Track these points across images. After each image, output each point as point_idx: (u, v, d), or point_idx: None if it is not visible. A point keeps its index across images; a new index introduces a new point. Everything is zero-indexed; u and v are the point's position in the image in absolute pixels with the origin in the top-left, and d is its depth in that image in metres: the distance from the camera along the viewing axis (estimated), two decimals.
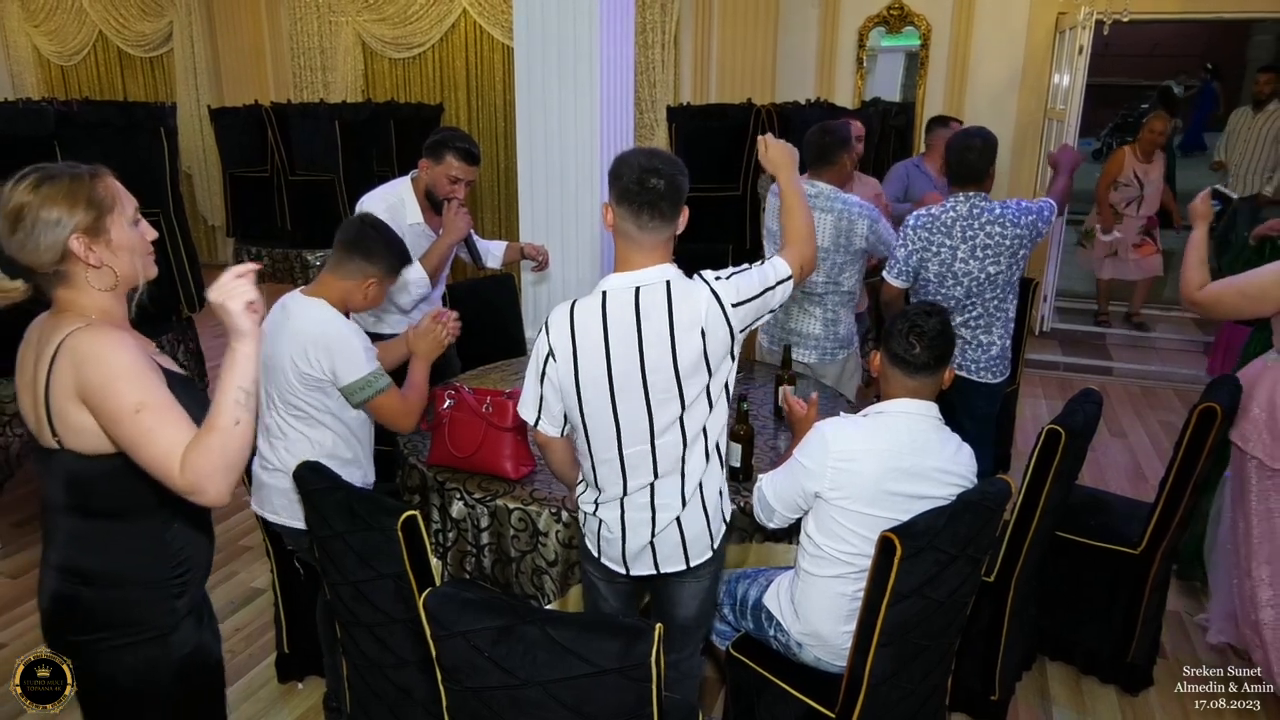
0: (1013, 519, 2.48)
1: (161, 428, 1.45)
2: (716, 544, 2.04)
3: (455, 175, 3.01)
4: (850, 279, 3.33)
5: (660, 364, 1.84)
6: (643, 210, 1.81)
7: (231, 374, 1.46)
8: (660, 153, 1.87)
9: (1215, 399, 2.58)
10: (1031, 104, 6.38)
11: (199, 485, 1.42)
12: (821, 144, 3.21)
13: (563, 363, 1.90)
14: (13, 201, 1.47)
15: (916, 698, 2.06)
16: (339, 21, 7.93)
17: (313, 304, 2.27)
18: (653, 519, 1.95)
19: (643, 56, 6.80)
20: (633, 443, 1.90)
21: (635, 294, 1.84)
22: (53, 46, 9.19)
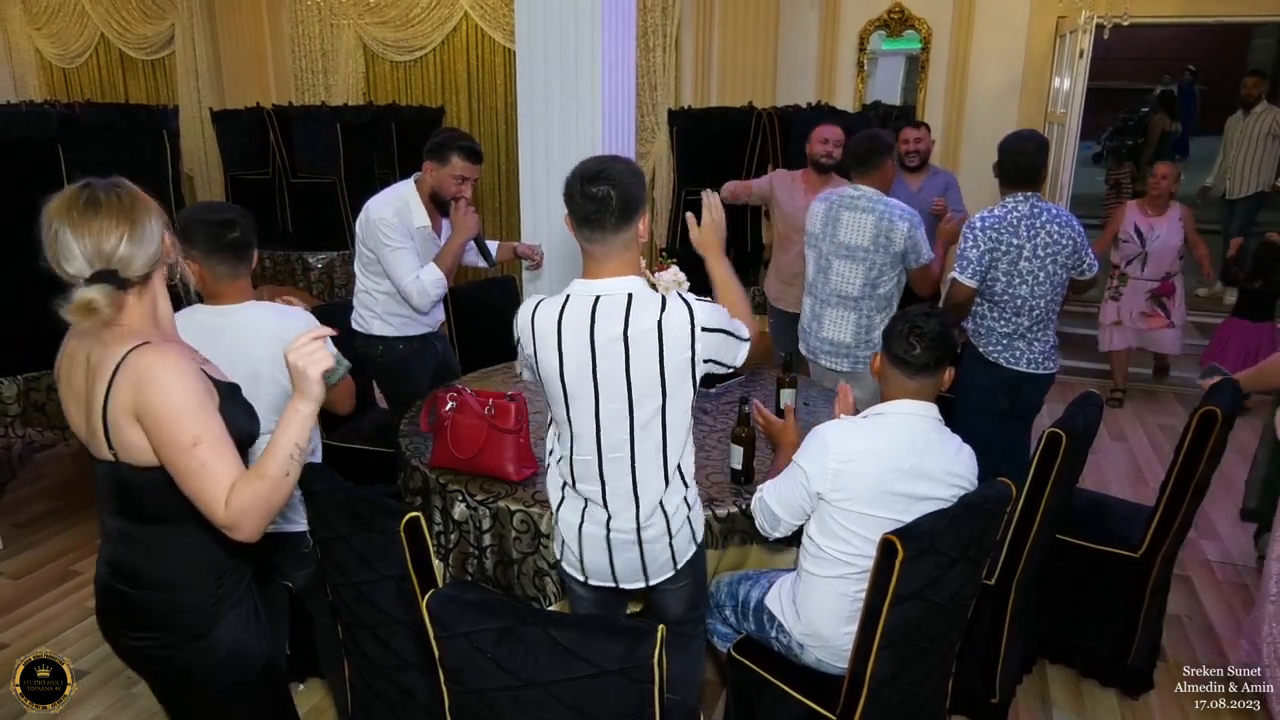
0: (1014, 522, 2.48)
1: (214, 464, 1.50)
2: (680, 564, 2.03)
3: (461, 174, 3.03)
4: (888, 284, 3.36)
5: (613, 375, 1.84)
6: (583, 224, 1.81)
7: (289, 431, 1.54)
8: (614, 160, 1.83)
9: (1216, 402, 2.58)
10: (1032, 108, 6.39)
11: (239, 524, 1.49)
12: (866, 149, 3.37)
13: (524, 353, 1.95)
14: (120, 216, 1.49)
15: (917, 700, 2.06)
16: (340, 24, 7.95)
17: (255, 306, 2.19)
18: (608, 535, 1.96)
19: (644, 59, 6.81)
20: (582, 450, 1.92)
21: (594, 302, 1.84)
22: (55, 49, 9.20)
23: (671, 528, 1.98)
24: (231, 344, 2.12)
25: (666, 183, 6.86)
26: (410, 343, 3.29)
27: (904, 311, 2.03)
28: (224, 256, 2.13)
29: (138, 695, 2.82)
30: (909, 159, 4.51)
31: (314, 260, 6.26)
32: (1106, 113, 11.12)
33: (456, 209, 3.05)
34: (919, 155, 4.52)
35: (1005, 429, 3.34)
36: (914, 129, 4.59)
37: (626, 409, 1.86)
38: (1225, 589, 3.48)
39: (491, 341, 3.78)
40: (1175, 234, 5.02)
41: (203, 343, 2.08)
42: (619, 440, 1.89)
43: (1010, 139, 3.21)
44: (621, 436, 1.88)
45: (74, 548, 3.68)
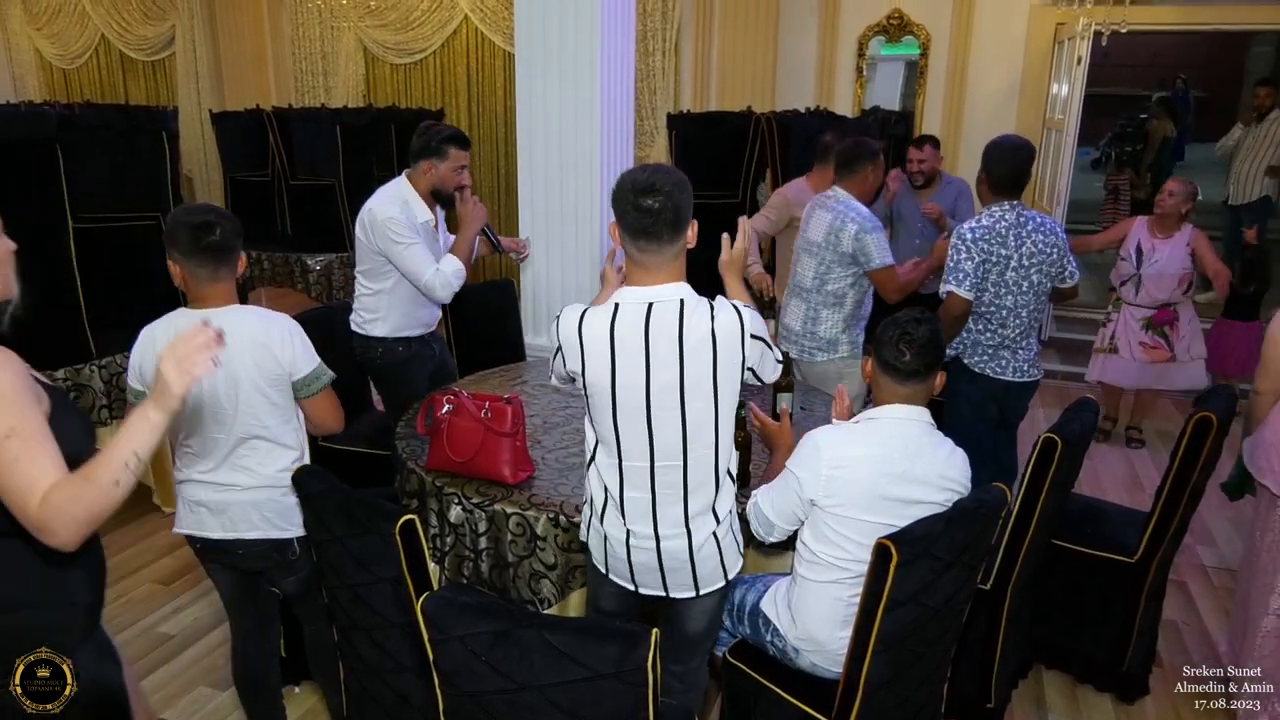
0: (1009, 527, 2.48)
1: (28, 458, 1.39)
2: (731, 574, 2.03)
3: (461, 164, 3.10)
4: (837, 282, 3.42)
5: (667, 384, 1.84)
6: (638, 235, 1.82)
7: (131, 438, 1.41)
8: (662, 170, 1.84)
9: (1211, 408, 2.59)
10: (1030, 114, 6.40)
11: (51, 526, 1.37)
12: (850, 155, 3.43)
13: (571, 362, 1.91)
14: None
15: (912, 705, 2.06)
16: (341, 26, 7.96)
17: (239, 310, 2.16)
18: (657, 543, 1.95)
19: (643, 63, 6.82)
20: (632, 456, 1.91)
21: (647, 310, 1.84)
22: (55, 49, 9.21)
23: (720, 539, 1.98)
24: None
25: None
26: (409, 345, 3.29)
27: (894, 317, 2.03)
28: (203, 259, 2.08)
29: None
30: (914, 178, 4.55)
31: (313, 262, 6.26)
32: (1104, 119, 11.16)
33: (463, 201, 3.10)
34: (923, 175, 4.56)
35: (996, 437, 3.36)
36: (918, 149, 4.63)
37: (679, 416, 1.86)
38: (1221, 594, 3.48)
39: (489, 344, 3.78)
40: (1177, 261, 4.36)
41: None
42: (672, 448, 1.88)
43: (1000, 146, 3.17)
44: (675, 444, 1.88)
45: None
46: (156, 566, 3.59)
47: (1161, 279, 4.38)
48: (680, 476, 1.91)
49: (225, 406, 2.14)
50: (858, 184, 3.44)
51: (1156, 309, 4.48)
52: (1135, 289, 4.49)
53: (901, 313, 2.03)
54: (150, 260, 4.16)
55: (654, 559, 1.96)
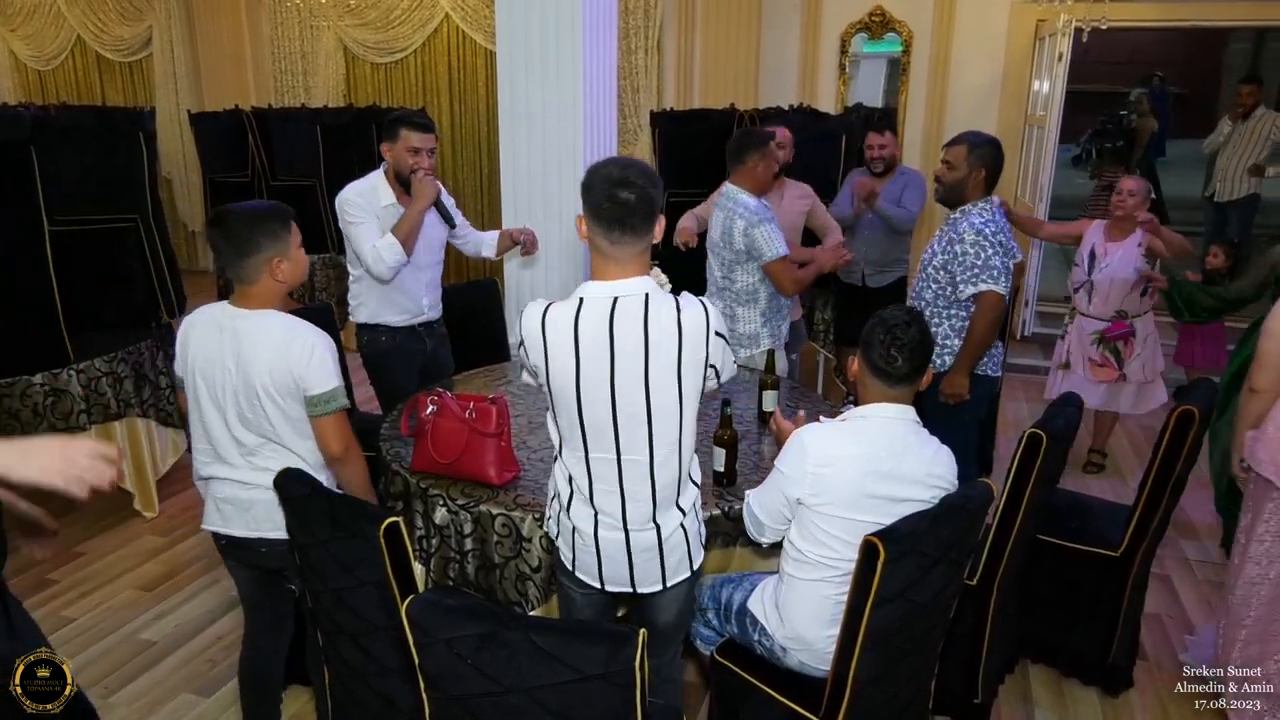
0: (995, 523, 2.49)
1: None
2: (696, 564, 2.04)
3: (414, 145, 3.09)
4: (744, 278, 3.44)
5: (631, 377, 1.83)
6: (613, 227, 1.81)
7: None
8: (633, 164, 1.84)
9: (1192, 402, 2.61)
10: (1012, 110, 6.44)
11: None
12: (735, 146, 3.42)
13: (534, 357, 1.91)
14: None
15: (900, 701, 2.06)
16: (320, 26, 7.90)
17: (272, 316, 2.13)
18: (626, 537, 1.95)
19: (625, 61, 6.81)
20: (599, 449, 1.91)
21: (612, 304, 1.83)
22: (30, 51, 9.10)
23: (688, 529, 1.99)
24: (235, 351, 2.10)
25: None
26: (392, 334, 3.28)
27: (881, 318, 2.00)
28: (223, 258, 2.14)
29: (115, 705, 2.79)
30: (874, 165, 4.50)
31: None
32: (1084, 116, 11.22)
33: (415, 179, 3.08)
34: (883, 162, 4.50)
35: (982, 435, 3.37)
36: (878, 135, 4.54)
37: (645, 410, 1.85)
38: (1204, 587, 3.51)
39: (473, 344, 3.76)
40: (1129, 264, 4.04)
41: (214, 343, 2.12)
42: (638, 442, 1.88)
43: (995, 143, 3.12)
44: (640, 438, 1.87)
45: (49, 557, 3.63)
46: (138, 573, 3.55)
47: (1113, 284, 4.08)
48: (647, 470, 1.90)
49: (246, 411, 2.13)
50: (747, 175, 3.40)
51: (1110, 320, 4.14)
52: (1088, 297, 4.18)
53: (888, 313, 2.00)
54: (128, 263, 4.12)
55: (623, 550, 1.96)
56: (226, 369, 2.11)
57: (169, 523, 3.95)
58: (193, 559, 3.65)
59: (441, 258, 3.44)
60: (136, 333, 4.08)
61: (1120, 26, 6.10)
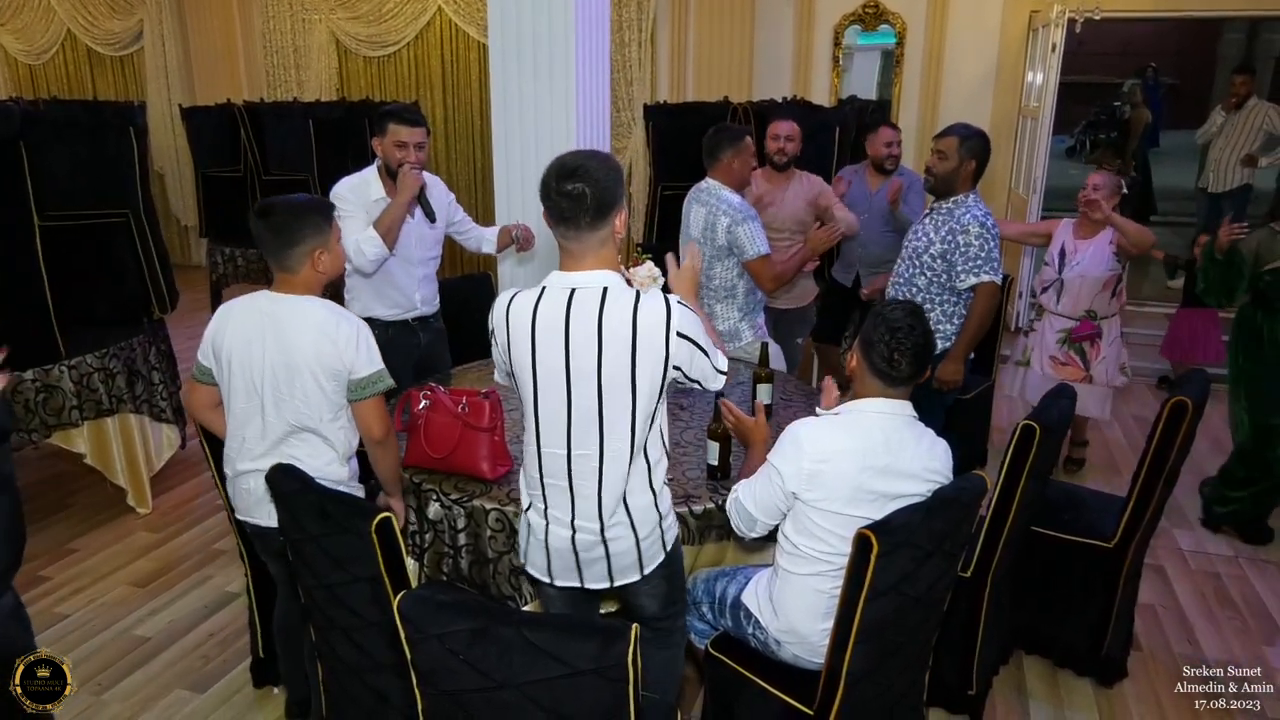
0: (989, 514, 2.49)
1: None
2: (647, 569, 2.00)
3: (401, 140, 3.09)
4: (723, 274, 3.42)
5: (585, 369, 1.82)
6: (559, 220, 1.80)
7: None
8: (589, 155, 1.81)
9: (1186, 393, 2.61)
10: (1006, 101, 6.43)
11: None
12: (710, 143, 3.44)
13: (500, 344, 1.93)
14: None
15: (894, 693, 2.06)
16: (312, 19, 7.86)
17: (313, 300, 2.20)
18: (573, 535, 1.94)
19: (619, 54, 6.78)
20: (550, 443, 1.90)
21: (569, 295, 1.83)
22: (20, 45, 9.04)
23: (639, 531, 1.95)
24: (276, 332, 2.16)
25: (643, 178, 6.84)
26: (385, 329, 3.27)
27: (882, 317, 1.97)
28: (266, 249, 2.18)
29: (108, 701, 2.78)
30: (887, 163, 4.46)
31: None
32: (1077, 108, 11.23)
33: (400, 172, 3.09)
34: (896, 160, 4.47)
35: None
36: (893, 130, 4.49)
37: (596, 404, 1.84)
38: (1198, 577, 3.52)
39: (467, 338, 3.75)
40: (1100, 263, 3.88)
41: (254, 325, 2.17)
42: (589, 437, 1.87)
43: (985, 136, 3.13)
44: (591, 433, 1.87)
45: (42, 553, 3.62)
46: (131, 569, 3.54)
47: (1083, 283, 3.93)
48: (596, 465, 1.89)
49: (283, 391, 2.19)
50: (723, 171, 3.39)
51: (1076, 320, 4.00)
52: (1057, 296, 4.03)
53: (890, 313, 1.97)
54: (120, 258, 4.10)
55: (569, 546, 1.95)
56: (266, 349, 2.17)
57: (162, 519, 3.94)
58: (186, 555, 3.64)
59: (438, 254, 3.43)
60: (129, 328, 4.06)
61: (1114, 17, 6.09)
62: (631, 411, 1.86)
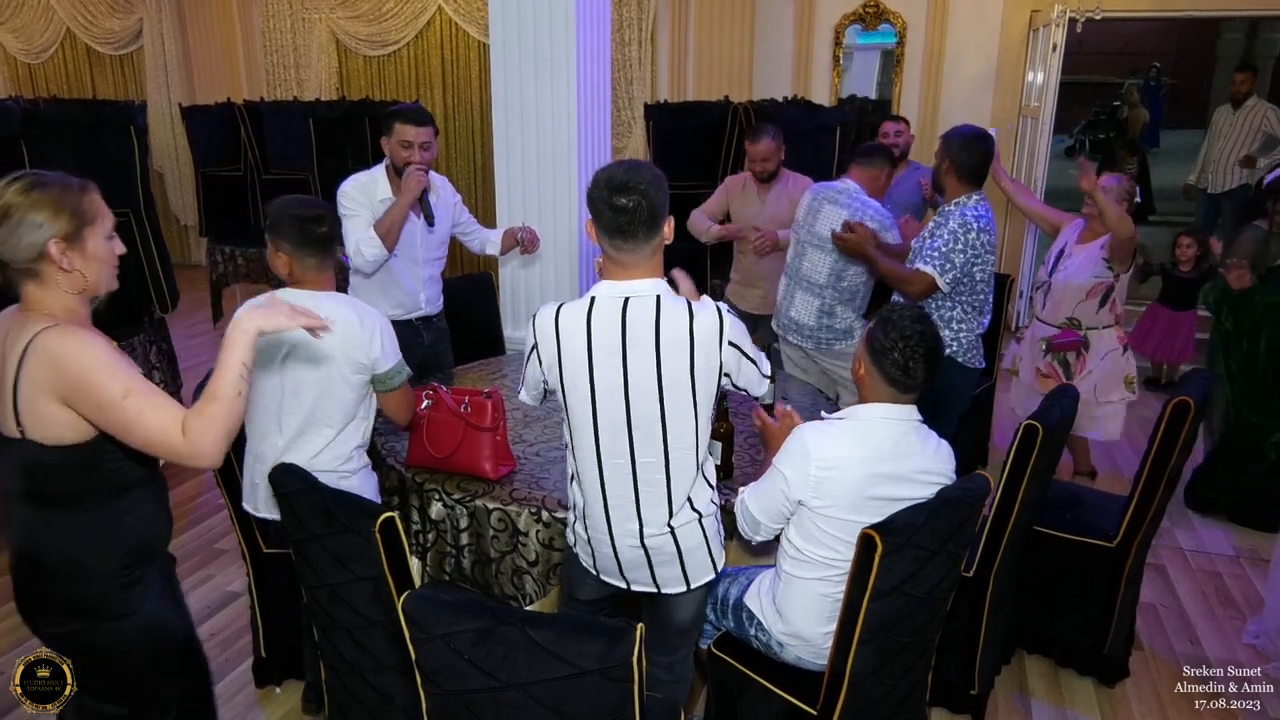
0: (991, 514, 2.49)
1: (152, 408, 1.55)
2: (719, 566, 2.03)
3: (407, 139, 3.09)
4: (854, 277, 3.46)
5: (644, 377, 1.82)
6: (615, 234, 1.80)
7: (235, 351, 1.57)
8: (636, 167, 1.82)
9: (1188, 393, 2.61)
10: (1007, 101, 6.43)
11: (201, 450, 1.54)
12: (873, 148, 3.62)
13: (547, 359, 1.90)
14: (1, 200, 1.58)
15: (897, 693, 2.06)
16: (312, 18, 7.85)
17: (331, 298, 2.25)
18: (642, 540, 1.94)
19: (619, 54, 6.78)
20: (613, 453, 1.89)
21: (624, 304, 1.82)
22: (19, 44, 9.03)
23: (705, 527, 1.97)
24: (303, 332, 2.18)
25: None
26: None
27: (891, 324, 1.95)
28: (313, 250, 2.22)
29: None
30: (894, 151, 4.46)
31: None
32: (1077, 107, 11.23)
33: (406, 173, 3.09)
34: (899, 149, 4.47)
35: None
36: (894, 123, 4.52)
37: (659, 414, 1.84)
38: (1199, 577, 3.52)
39: (469, 337, 3.75)
40: (1086, 268, 3.61)
41: None
42: (653, 446, 1.87)
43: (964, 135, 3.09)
44: (655, 442, 1.86)
45: None
46: None
47: (1067, 289, 3.68)
48: (663, 474, 1.89)
49: (311, 389, 2.23)
50: (870, 179, 3.51)
51: (1059, 327, 3.73)
52: (1043, 299, 3.81)
53: (899, 320, 1.96)
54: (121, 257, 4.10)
55: (641, 556, 1.95)
56: (294, 350, 2.21)
57: None
58: (187, 555, 3.64)
59: (443, 254, 3.42)
60: (129, 327, 4.06)
61: (1114, 16, 6.09)
62: (695, 418, 1.87)
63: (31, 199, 1.59)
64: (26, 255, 1.60)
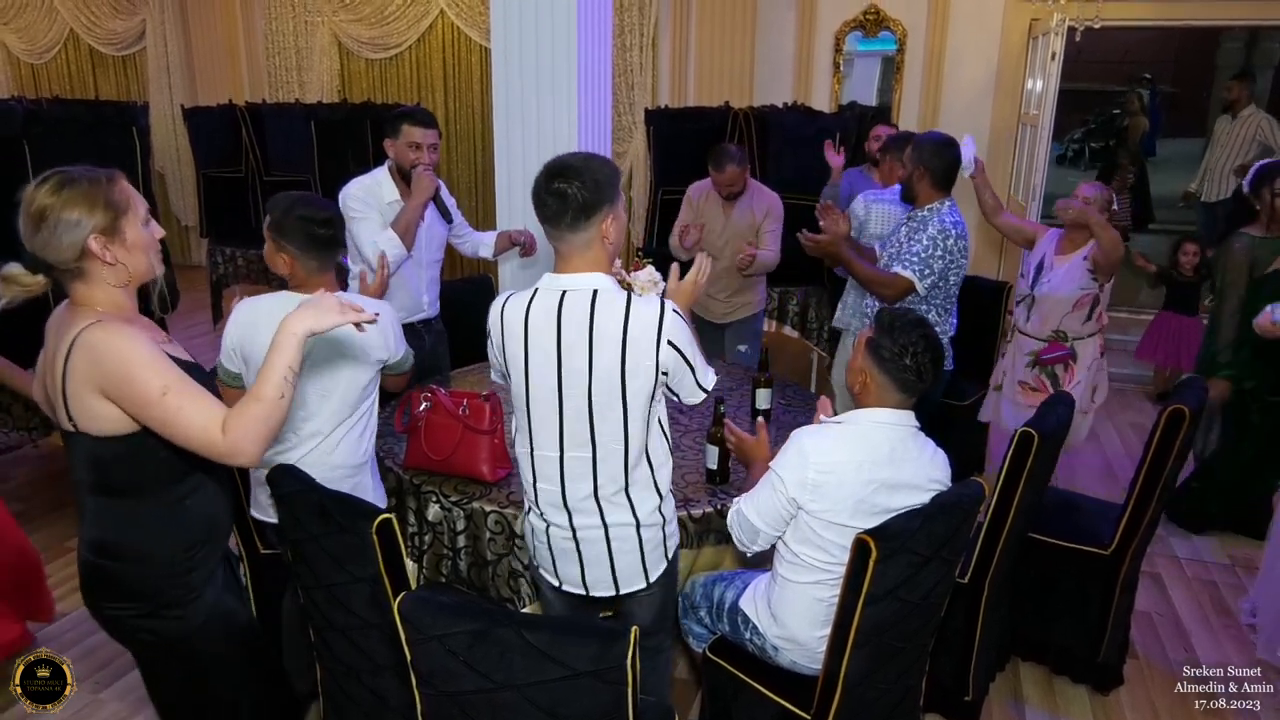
0: (986, 521, 2.50)
1: (191, 404, 1.58)
2: (653, 577, 2.01)
3: (415, 141, 3.11)
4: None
5: (576, 371, 1.83)
6: (544, 219, 1.81)
7: (284, 353, 1.58)
8: (587, 158, 1.81)
9: (1183, 401, 2.62)
10: (1006, 108, 6.44)
11: (240, 448, 1.55)
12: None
13: (495, 347, 1.95)
14: (36, 204, 1.59)
15: (891, 698, 2.07)
16: (315, 21, 7.87)
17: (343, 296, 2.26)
18: (575, 537, 1.95)
19: (621, 59, 6.80)
20: (543, 447, 1.92)
21: (560, 297, 1.83)
22: (22, 44, 9.05)
23: (643, 535, 1.96)
24: None
25: (643, 182, 6.85)
26: None
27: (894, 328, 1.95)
28: (318, 253, 2.23)
29: (106, 700, 2.78)
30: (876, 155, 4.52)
31: None
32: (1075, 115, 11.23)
33: (415, 174, 3.10)
34: None
35: None
36: (887, 126, 4.63)
37: (587, 405, 1.85)
38: (1194, 585, 3.53)
39: (467, 340, 3.75)
40: (1071, 280, 3.51)
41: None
42: (581, 438, 1.88)
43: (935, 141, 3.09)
44: (584, 434, 1.87)
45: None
46: None
47: (1053, 302, 3.57)
48: (590, 467, 1.90)
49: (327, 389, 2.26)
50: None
51: (1046, 341, 3.63)
52: (1027, 313, 3.68)
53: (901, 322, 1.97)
54: None
55: (573, 549, 1.97)
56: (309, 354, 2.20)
57: None
58: None
59: (442, 256, 3.44)
60: None
61: (1114, 25, 6.11)
62: (623, 414, 1.86)
63: (64, 198, 1.59)
64: (70, 255, 1.61)
